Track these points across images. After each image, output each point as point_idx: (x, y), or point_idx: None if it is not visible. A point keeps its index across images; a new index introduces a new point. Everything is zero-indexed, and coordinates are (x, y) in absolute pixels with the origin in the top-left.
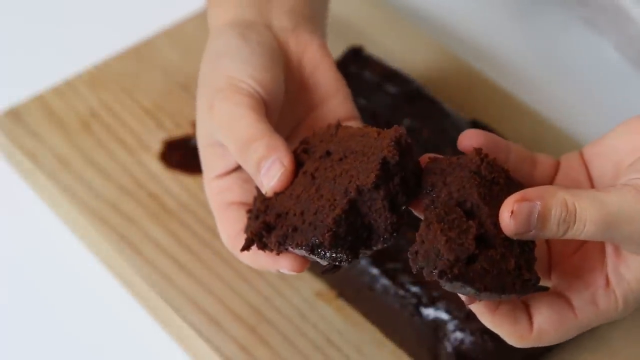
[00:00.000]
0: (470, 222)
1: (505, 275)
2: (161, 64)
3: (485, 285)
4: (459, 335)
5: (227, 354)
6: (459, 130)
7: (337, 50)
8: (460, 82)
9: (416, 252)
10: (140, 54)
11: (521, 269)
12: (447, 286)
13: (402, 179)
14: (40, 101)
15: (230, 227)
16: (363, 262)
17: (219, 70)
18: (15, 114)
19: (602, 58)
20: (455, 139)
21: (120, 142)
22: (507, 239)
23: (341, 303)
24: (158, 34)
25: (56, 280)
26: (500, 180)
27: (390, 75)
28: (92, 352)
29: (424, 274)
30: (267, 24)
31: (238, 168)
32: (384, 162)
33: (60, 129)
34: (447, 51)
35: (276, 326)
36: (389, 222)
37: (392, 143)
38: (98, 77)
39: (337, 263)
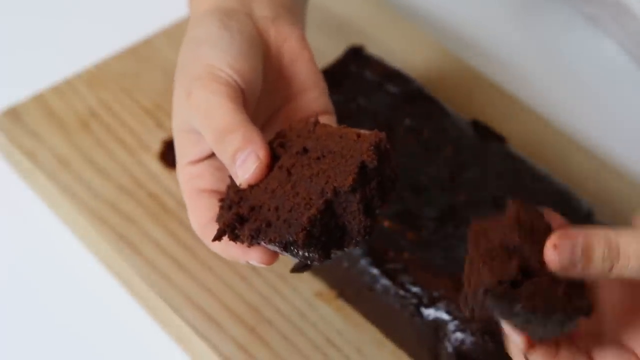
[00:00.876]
0: (513, 256)
1: (554, 298)
2: (161, 63)
3: (534, 304)
4: (459, 335)
5: (226, 354)
6: (459, 130)
7: (337, 50)
8: (460, 82)
9: (465, 297)
10: (139, 54)
11: (571, 296)
12: (497, 313)
13: (379, 184)
14: (39, 101)
15: (201, 215)
16: (363, 262)
17: (198, 57)
18: (14, 114)
19: (604, 57)
20: (455, 139)
21: (120, 141)
22: (553, 275)
23: (341, 303)
24: (158, 33)
25: (56, 280)
26: (540, 226)
27: (390, 75)
28: (92, 352)
29: (476, 315)
30: (248, 12)
31: (211, 155)
32: (362, 166)
33: (60, 129)
34: (447, 51)
35: (276, 326)
36: (362, 225)
37: (372, 148)
38: (98, 76)
39: (308, 262)
